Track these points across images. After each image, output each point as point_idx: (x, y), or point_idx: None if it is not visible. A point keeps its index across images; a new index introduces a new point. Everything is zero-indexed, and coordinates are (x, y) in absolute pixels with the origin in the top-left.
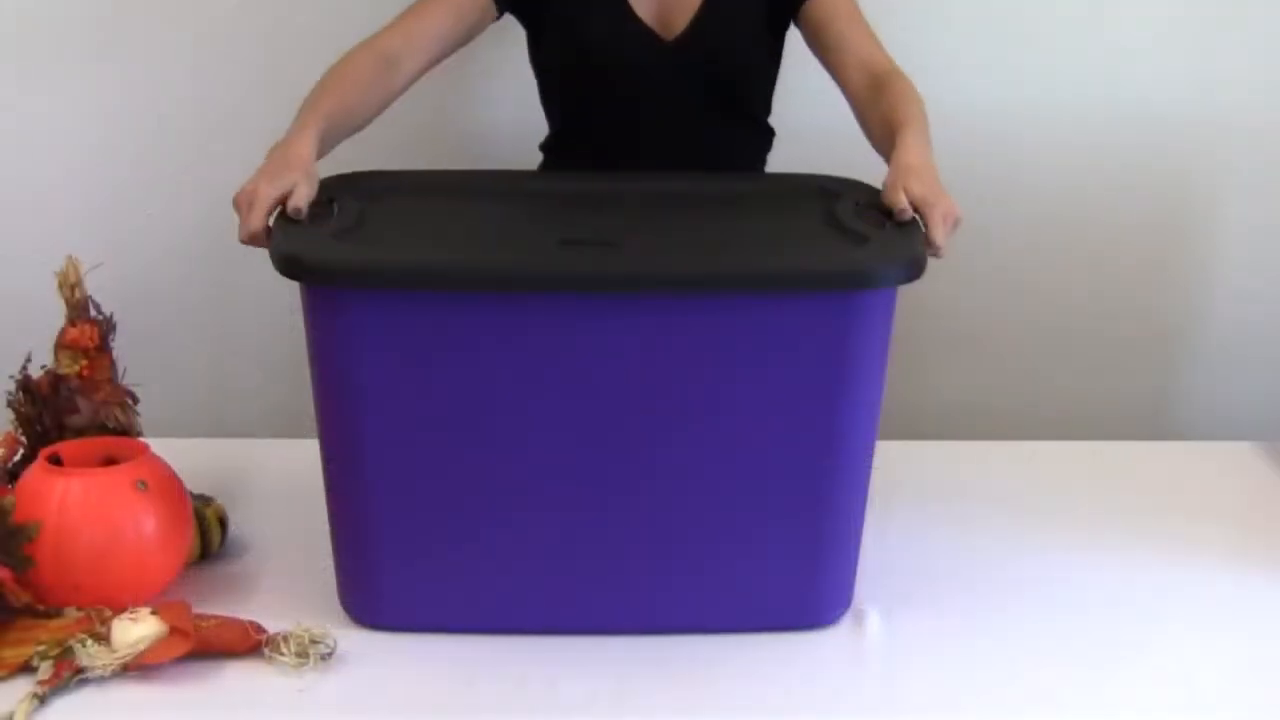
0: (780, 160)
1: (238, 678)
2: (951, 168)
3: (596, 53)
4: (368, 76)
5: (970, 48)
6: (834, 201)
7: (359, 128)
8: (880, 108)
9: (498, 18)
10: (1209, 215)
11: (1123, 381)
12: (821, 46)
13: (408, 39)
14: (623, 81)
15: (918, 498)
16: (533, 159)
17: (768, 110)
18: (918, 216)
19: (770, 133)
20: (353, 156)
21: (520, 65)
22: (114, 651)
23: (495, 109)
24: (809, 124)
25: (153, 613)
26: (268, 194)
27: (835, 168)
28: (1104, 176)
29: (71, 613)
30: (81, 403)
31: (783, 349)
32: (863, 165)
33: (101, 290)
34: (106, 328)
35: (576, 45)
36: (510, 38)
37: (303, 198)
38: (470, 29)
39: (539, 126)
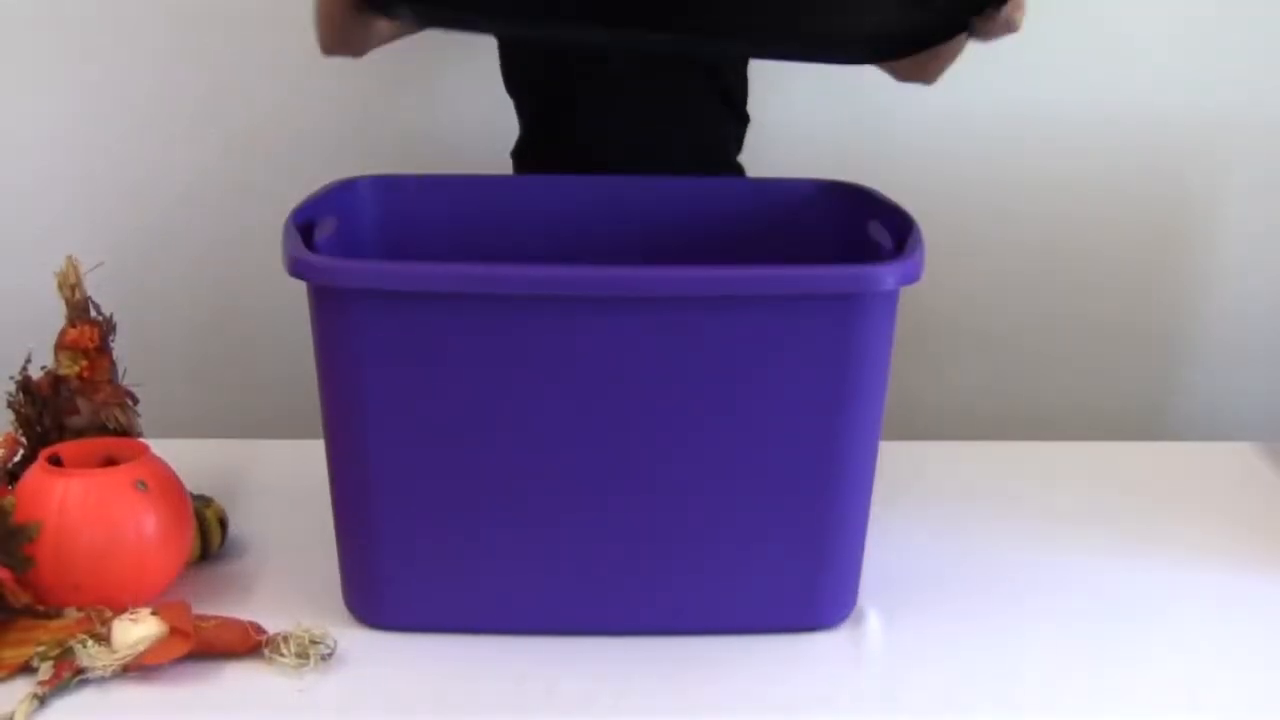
0: (762, 157)
1: (238, 678)
2: (951, 167)
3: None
4: None
5: (970, 48)
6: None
7: None
8: None
9: None
10: (1209, 215)
11: (1123, 381)
12: None
13: None
14: (591, 66)
15: (918, 498)
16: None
17: (744, 93)
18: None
19: (746, 119)
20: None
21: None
22: (114, 652)
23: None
24: (792, 122)
25: (153, 613)
26: None
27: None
28: (1104, 176)
29: (71, 613)
30: (81, 403)
31: (785, 350)
32: (848, 165)
33: (101, 290)
34: (106, 328)
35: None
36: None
37: None
38: None
39: (507, 129)
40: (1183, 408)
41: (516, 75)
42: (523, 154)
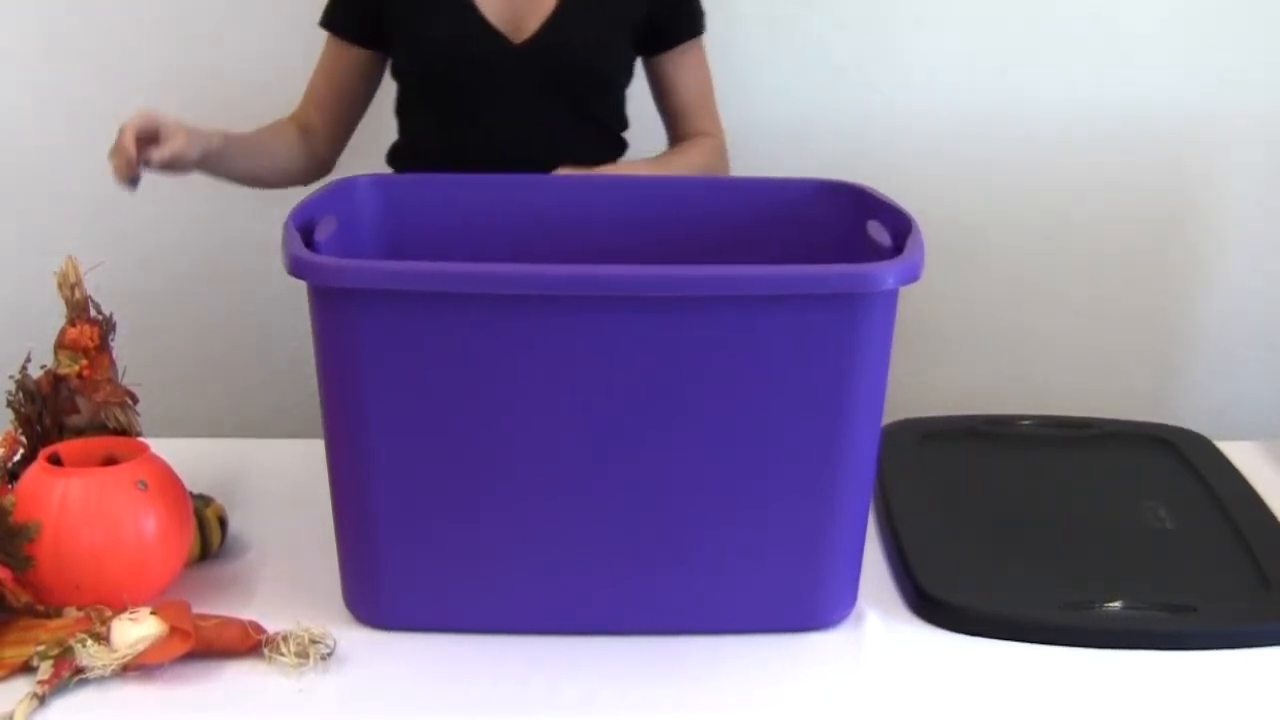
0: (762, 157)
1: (238, 678)
2: (951, 167)
3: (441, 57)
4: (287, 133)
5: (971, 47)
6: None
7: (269, 171)
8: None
9: (375, 53)
10: (1210, 214)
11: (1122, 381)
12: (662, 99)
13: (306, 118)
14: (470, 85)
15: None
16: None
17: (621, 121)
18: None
19: (623, 145)
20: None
21: None
22: (114, 651)
23: None
24: (793, 121)
25: (153, 613)
26: (147, 116)
27: (820, 166)
28: (1104, 175)
29: (71, 613)
30: (81, 403)
31: (785, 350)
32: (848, 165)
33: (101, 290)
34: (106, 328)
35: (422, 50)
36: None
37: (170, 151)
38: (357, 80)
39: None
40: (1183, 408)
41: (401, 87)
42: (399, 156)
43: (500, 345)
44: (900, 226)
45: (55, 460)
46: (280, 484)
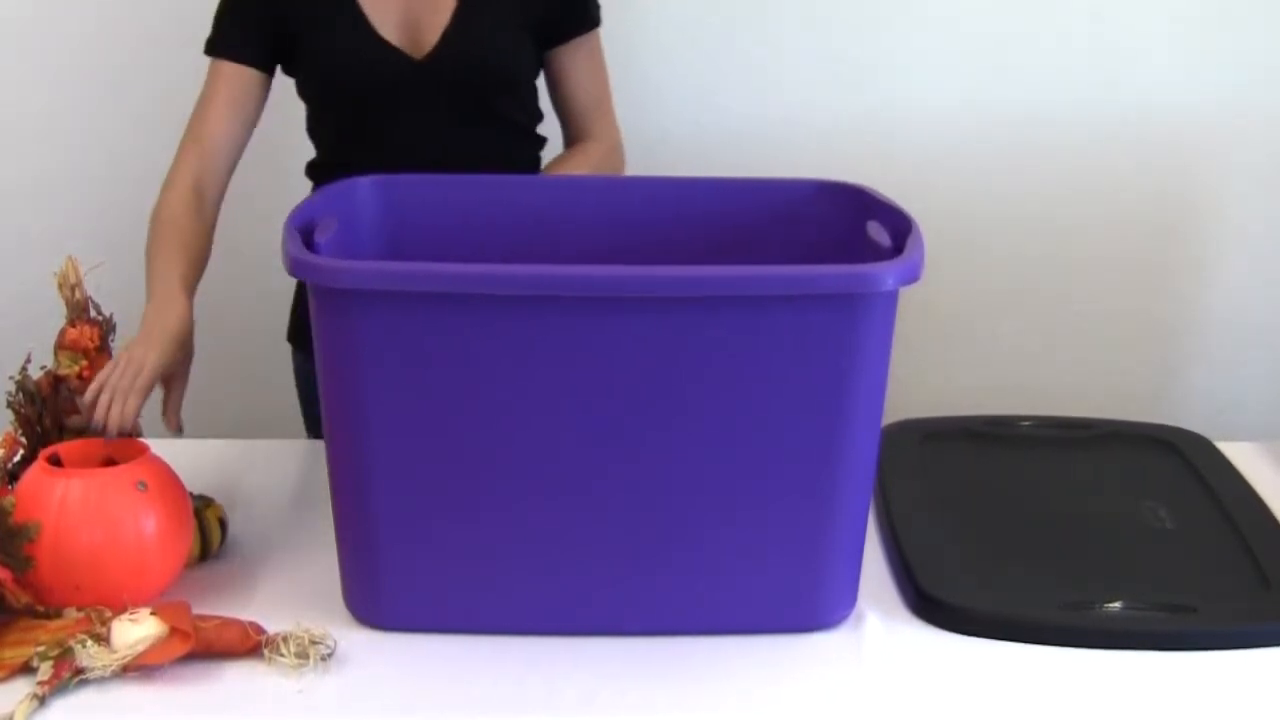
0: (762, 157)
1: (238, 678)
2: (951, 167)
3: (342, 79)
4: (191, 219)
5: (971, 47)
6: None
7: (204, 268)
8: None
9: (270, 76)
10: (1209, 214)
11: (1122, 382)
12: (556, 95)
13: (202, 158)
14: (375, 104)
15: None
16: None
17: (535, 116)
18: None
19: (540, 140)
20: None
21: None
22: (114, 652)
23: None
24: (793, 121)
25: (153, 613)
26: (155, 365)
27: (820, 166)
28: (1105, 176)
29: (71, 613)
30: (81, 404)
31: (785, 350)
32: (848, 165)
33: (101, 290)
34: (106, 328)
35: (322, 73)
36: None
37: (176, 403)
38: (256, 104)
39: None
40: (1183, 408)
41: (310, 109)
42: (317, 170)
43: (500, 345)
44: (900, 226)
45: (55, 461)
46: (280, 484)
